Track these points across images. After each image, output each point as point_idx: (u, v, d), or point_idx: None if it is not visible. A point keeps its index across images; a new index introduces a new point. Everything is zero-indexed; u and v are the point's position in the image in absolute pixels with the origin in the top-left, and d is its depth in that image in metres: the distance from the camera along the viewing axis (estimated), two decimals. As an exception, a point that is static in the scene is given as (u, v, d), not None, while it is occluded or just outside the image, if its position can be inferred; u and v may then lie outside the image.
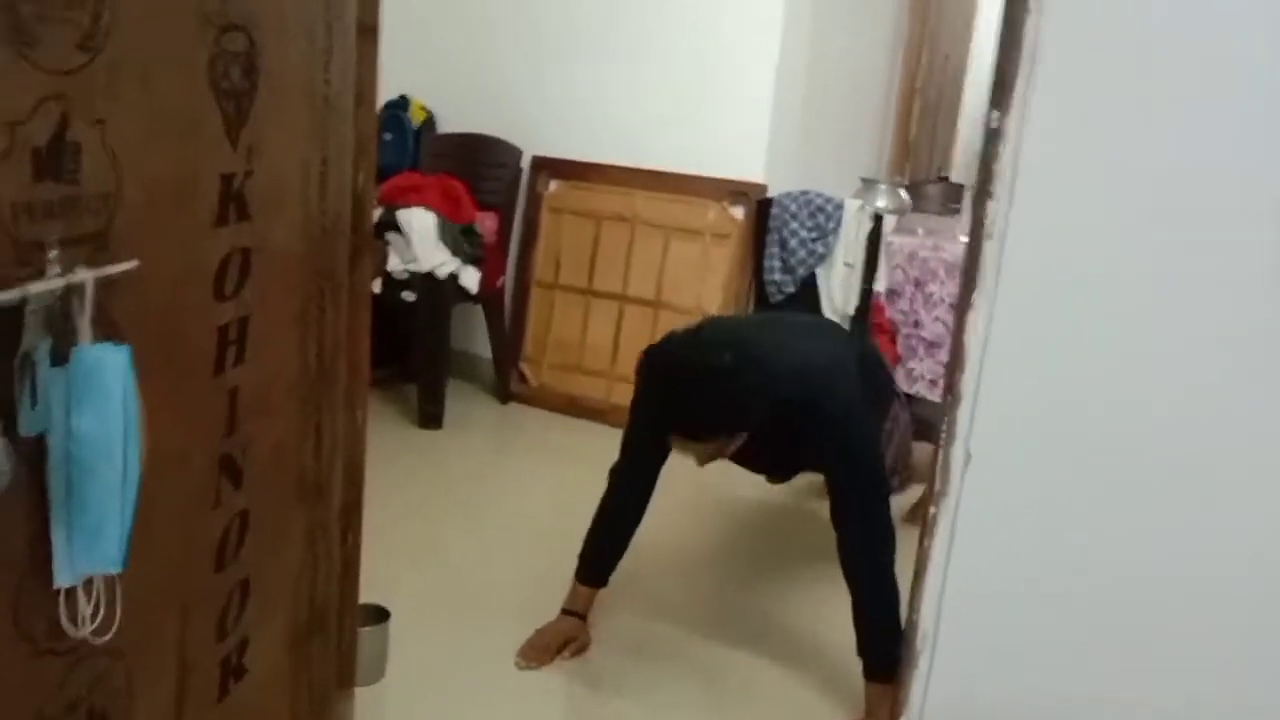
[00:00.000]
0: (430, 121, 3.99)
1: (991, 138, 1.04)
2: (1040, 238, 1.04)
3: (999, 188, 1.04)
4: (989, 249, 1.05)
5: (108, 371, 0.86)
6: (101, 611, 0.94)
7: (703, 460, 2.10)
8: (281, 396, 1.31)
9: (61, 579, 0.89)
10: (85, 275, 0.86)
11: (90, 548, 0.88)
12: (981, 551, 1.11)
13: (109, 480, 0.87)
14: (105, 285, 0.90)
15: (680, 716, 2.07)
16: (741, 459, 2.31)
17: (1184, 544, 1.06)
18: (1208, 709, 1.08)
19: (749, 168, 3.55)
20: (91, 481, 0.86)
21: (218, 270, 1.12)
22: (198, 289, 1.09)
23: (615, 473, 2.28)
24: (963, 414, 1.08)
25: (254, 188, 1.16)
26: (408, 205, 3.41)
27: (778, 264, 3.43)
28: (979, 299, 1.06)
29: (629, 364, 3.67)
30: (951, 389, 1.08)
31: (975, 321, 1.06)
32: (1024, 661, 1.14)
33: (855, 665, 2.01)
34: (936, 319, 3.38)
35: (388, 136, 3.93)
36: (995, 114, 1.04)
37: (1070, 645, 1.12)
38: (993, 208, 1.04)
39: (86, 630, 0.93)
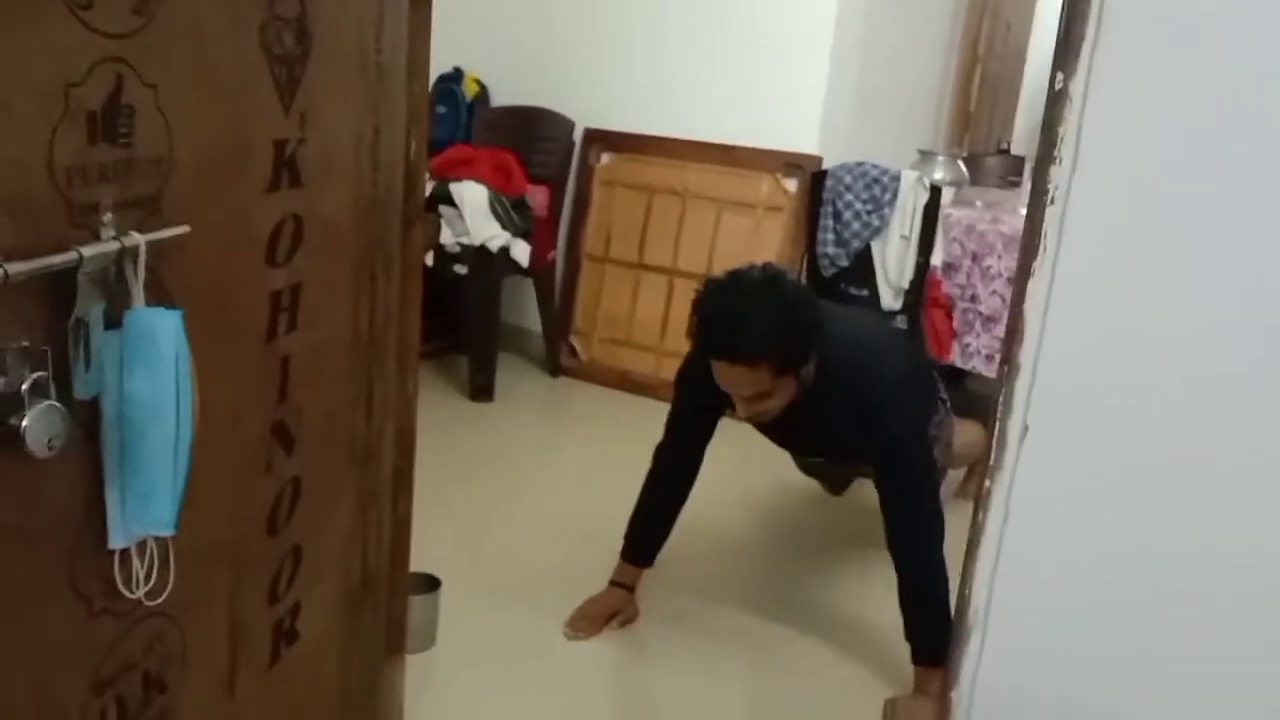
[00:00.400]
0: (483, 94, 3.99)
1: (1055, 100, 1.00)
2: (1104, 204, 1.01)
3: (1063, 152, 1.01)
4: (1051, 214, 1.01)
5: (160, 335, 0.86)
6: (155, 574, 0.96)
7: (748, 402, 1.95)
8: (333, 364, 1.32)
9: (116, 540, 0.90)
10: (138, 239, 0.87)
11: (143, 510, 0.89)
12: (1036, 528, 1.08)
13: (161, 443, 0.88)
14: (158, 249, 0.90)
15: (726, 688, 2.07)
16: (786, 433, 2.24)
17: (1253, 527, 1.02)
18: (1267, 705, 1.04)
19: (803, 139, 3.51)
20: (144, 444, 0.87)
21: (270, 237, 1.12)
22: (250, 255, 1.09)
23: (660, 451, 2.26)
24: (1020, 386, 1.05)
25: (306, 155, 1.16)
26: (459, 178, 3.42)
27: (831, 237, 3.39)
28: (1039, 266, 1.03)
29: (678, 339, 3.66)
30: (1009, 360, 1.05)
31: (1035, 290, 1.03)
32: (1077, 643, 1.11)
33: (902, 645, 1.99)
34: (994, 293, 3.32)
35: (441, 109, 3.94)
36: (1060, 75, 1.01)
37: (1127, 629, 1.09)
38: (1055, 172, 1.01)
39: (140, 592, 0.94)
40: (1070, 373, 1.05)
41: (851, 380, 1.99)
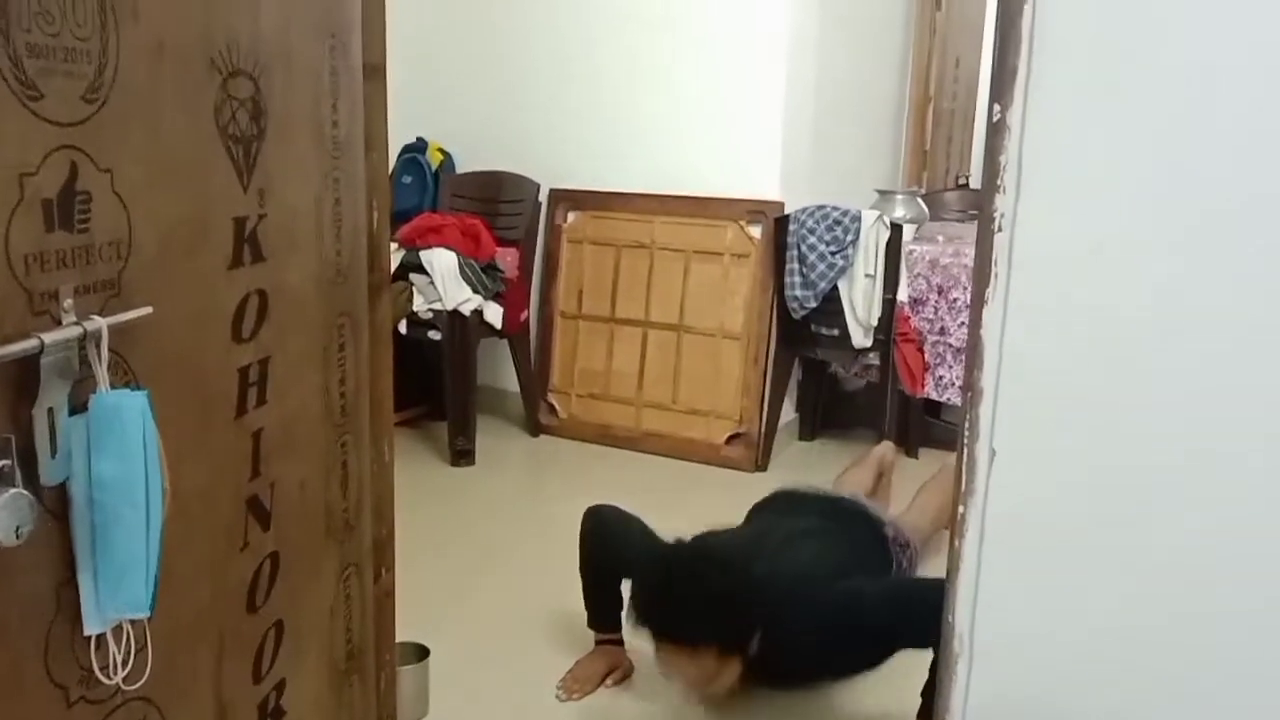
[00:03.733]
0: (448, 162, 4.04)
1: (995, 130, 1.03)
2: (1049, 227, 1.03)
3: (1005, 180, 1.03)
4: (999, 242, 1.04)
5: (126, 416, 0.87)
6: (133, 658, 0.95)
7: (695, 684, 1.91)
8: (306, 436, 1.32)
9: (91, 626, 0.89)
10: (100, 323, 0.87)
11: (117, 593, 0.88)
12: (1013, 548, 1.09)
13: (133, 524, 0.88)
14: (121, 331, 0.91)
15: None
16: (772, 683, 2.15)
17: (1228, 528, 1.03)
18: (1257, 711, 1.05)
19: (764, 186, 3.56)
20: (116, 526, 0.87)
21: (235, 312, 1.13)
22: (215, 332, 1.10)
23: (591, 533, 2.22)
24: (984, 411, 1.06)
25: (267, 230, 1.17)
26: (429, 246, 3.45)
27: (798, 279, 3.42)
28: (992, 293, 1.05)
29: (656, 389, 3.70)
30: (971, 386, 1.07)
31: (990, 316, 1.05)
32: (1064, 659, 1.12)
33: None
34: (962, 325, 3.36)
35: (407, 179, 3.98)
36: (997, 107, 1.04)
37: (1112, 642, 1.10)
38: (1000, 201, 1.03)
39: (119, 677, 0.93)
40: (1031, 394, 1.07)
41: (803, 624, 1.93)
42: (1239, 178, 0.97)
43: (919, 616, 1.73)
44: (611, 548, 2.18)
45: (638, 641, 2.26)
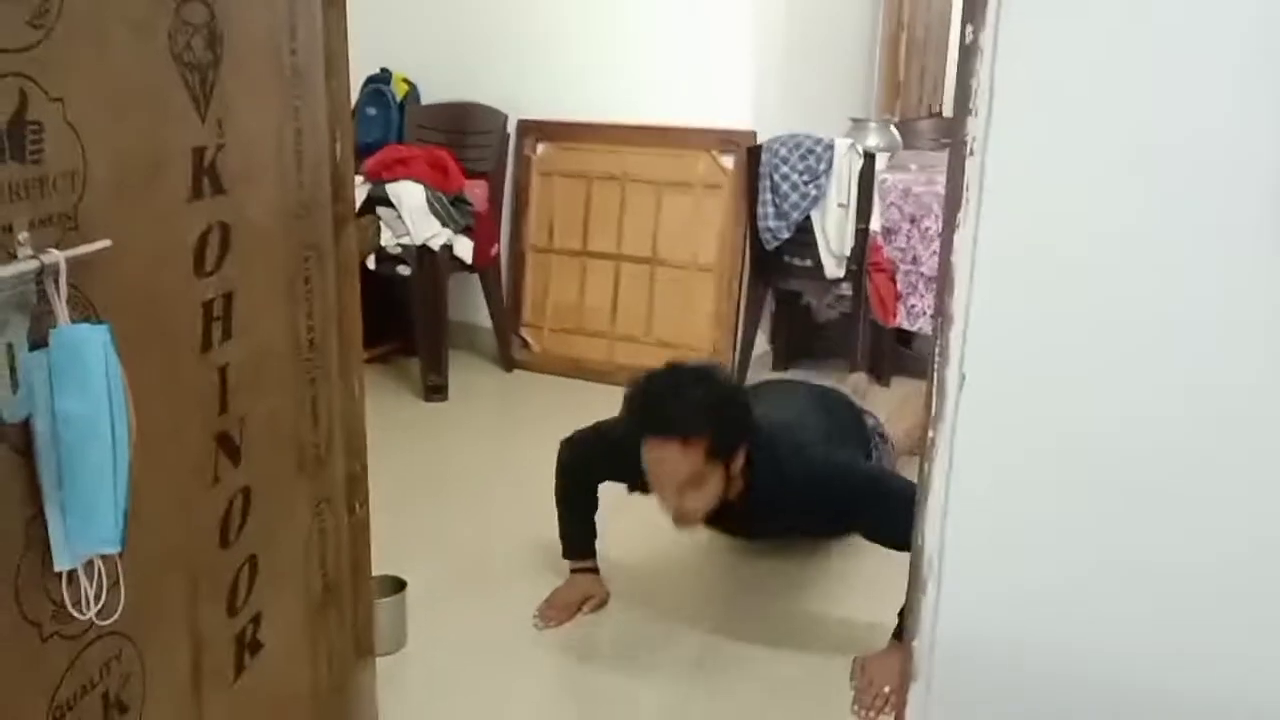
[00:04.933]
0: (413, 93, 3.96)
1: (967, 53, 1.02)
2: (1021, 152, 1.02)
3: (978, 104, 1.02)
4: (970, 166, 1.03)
5: (88, 351, 0.85)
6: (105, 593, 0.95)
7: (678, 491, 1.92)
8: (274, 371, 1.31)
9: (61, 562, 0.89)
10: (57, 256, 0.85)
11: (86, 529, 0.88)
12: (981, 473, 1.10)
13: (99, 460, 0.87)
14: (80, 265, 0.89)
15: (704, 675, 2.08)
16: (738, 528, 2.25)
17: (1199, 461, 1.04)
18: (1212, 641, 1.07)
19: (737, 116, 3.52)
20: (81, 462, 0.86)
21: (196, 246, 1.11)
22: (177, 265, 1.08)
23: (564, 465, 2.25)
24: (954, 336, 1.07)
25: (227, 161, 1.15)
26: (395, 179, 3.39)
27: (771, 210, 3.41)
28: (964, 218, 1.04)
29: (629, 323, 3.69)
30: (942, 311, 1.07)
31: (961, 241, 1.05)
32: (1031, 584, 1.14)
33: (864, 627, 2.03)
34: (934, 254, 3.36)
35: (371, 111, 3.90)
36: (969, 29, 1.02)
37: (1077, 568, 1.11)
38: (972, 124, 1.02)
39: (91, 612, 0.93)
40: (1001, 320, 1.07)
41: (784, 464, 2.01)
42: (1216, 98, 0.96)
43: (892, 506, 1.81)
44: (591, 446, 2.22)
45: (611, 572, 2.29)
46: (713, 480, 1.93)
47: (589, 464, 2.23)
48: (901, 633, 1.89)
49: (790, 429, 2.16)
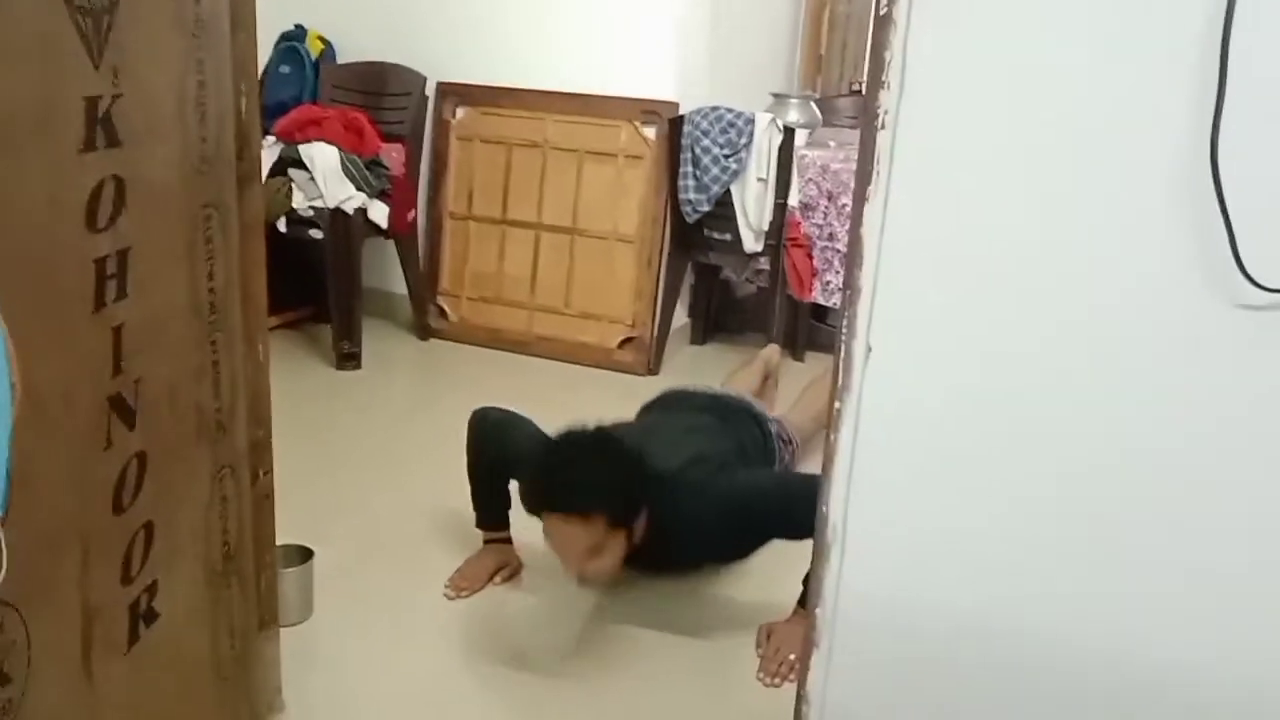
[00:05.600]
0: (329, 52, 3.86)
1: (881, 25, 1.02)
2: (931, 126, 1.04)
3: (890, 77, 1.03)
4: (882, 139, 1.04)
5: (-34, 306, 0.81)
6: (-13, 559, 0.91)
7: (580, 560, 1.89)
8: (172, 333, 1.26)
9: (-63, 526, 0.85)
10: (-67, 205, 0.81)
11: (-35, 492, 0.84)
12: (885, 443, 1.12)
13: (-21, 421, 0.83)
14: (-42, 216, 0.85)
15: (614, 637, 2.09)
16: (651, 569, 2.19)
17: (1095, 430, 1.08)
18: (1109, 598, 1.11)
19: (659, 86, 3.50)
20: (-41, 423, 0.82)
21: (89, 199, 1.06)
22: (67, 220, 1.03)
23: (476, 437, 2.22)
24: (862, 308, 1.08)
25: (123, 112, 1.10)
26: (309, 140, 3.31)
27: (692, 183, 3.41)
28: (874, 191, 1.05)
29: (548, 293, 3.67)
30: (850, 284, 1.08)
31: (871, 214, 1.06)
32: (931, 551, 1.16)
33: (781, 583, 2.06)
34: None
35: (285, 69, 3.80)
36: (883, 2, 1.03)
37: (977, 534, 1.14)
38: (884, 97, 1.03)
39: (-29, 579, 0.89)
40: (908, 293, 1.08)
41: (694, 507, 1.99)
42: (1128, 72, 0.99)
43: (800, 509, 1.81)
44: (500, 444, 2.17)
45: (526, 539, 2.28)
46: (614, 545, 1.90)
47: (498, 454, 2.18)
48: (805, 600, 1.95)
49: (686, 468, 2.11)
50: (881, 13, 1.02)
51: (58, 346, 1.03)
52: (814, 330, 3.79)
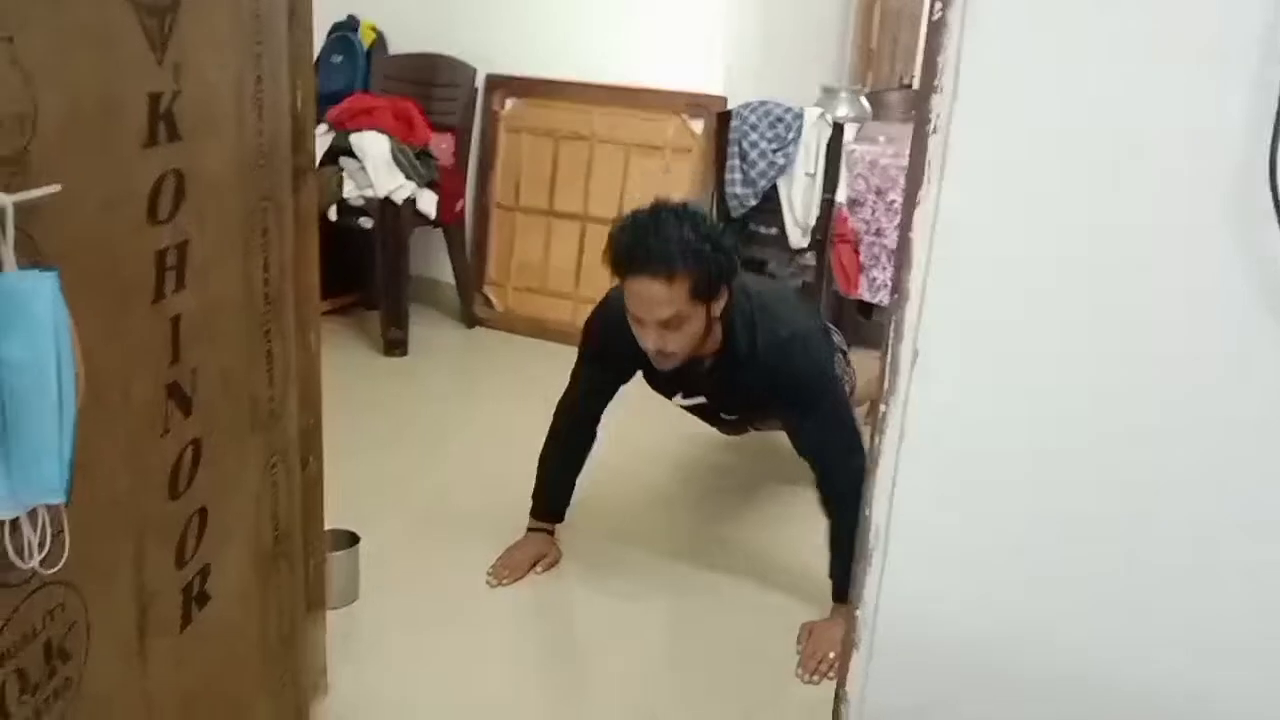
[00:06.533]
0: (380, 42, 3.90)
1: (935, 29, 1.02)
2: (984, 131, 1.03)
3: (943, 81, 1.02)
4: (933, 144, 1.04)
5: (35, 298, 0.84)
6: (50, 542, 0.94)
7: (661, 330, 1.92)
8: (228, 322, 1.29)
9: (3, 510, 0.88)
10: (4, 199, 0.83)
11: (30, 478, 0.86)
12: (930, 448, 1.12)
13: (44, 409, 0.85)
14: (28, 210, 0.87)
15: (652, 628, 2.11)
16: (699, 390, 2.22)
17: (1143, 436, 1.07)
18: (1152, 611, 1.10)
19: (707, 80, 3.50)
20: (26, 410, 0.85)
21: (150, 193, 1.09)
22: (130, 213, 1.06)
23: (561, 412, 2.28)
24: (910, 312, 1.08)
25: (184, 107, 1.13)
26: (360, 129, 3.35)
27: (739, 176, 3.40)
28: (924, 195, 1.05)
29: (593, 285, 3.67)
30: (899, 288, 1.08)
31: (921, 218, 1.05)
32: (974, 557, 1.16)
33: (815, 578, 2.06)
34: (899, 227, 3.37)
35: (337, 59, 3.84)
36: (938, 5, 1.02)
37: (1020, 542, 1.14)
38: (937, 101, 1.03)
39: (34, 561, 0.92)
40: (957, 297, 1.08)
41: (759, 328, 2.03)
42: (1181, 85, 0.98)
43: (831, 424, 2.00)
44: (585, 358, 2.27)
45: (563, 534, 2.30)
46: (693, 320, 1.93)
47: (586, 369, 2.25)
48: (841, 597, 1.94)
49: (775, 301, 2.16)
50: (935, 17, 1.02)
51: (118, 336, 1.06)
52: (859, 326, 3.76)
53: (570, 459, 2.27)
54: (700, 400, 2.28)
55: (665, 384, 2.19)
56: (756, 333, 2.03)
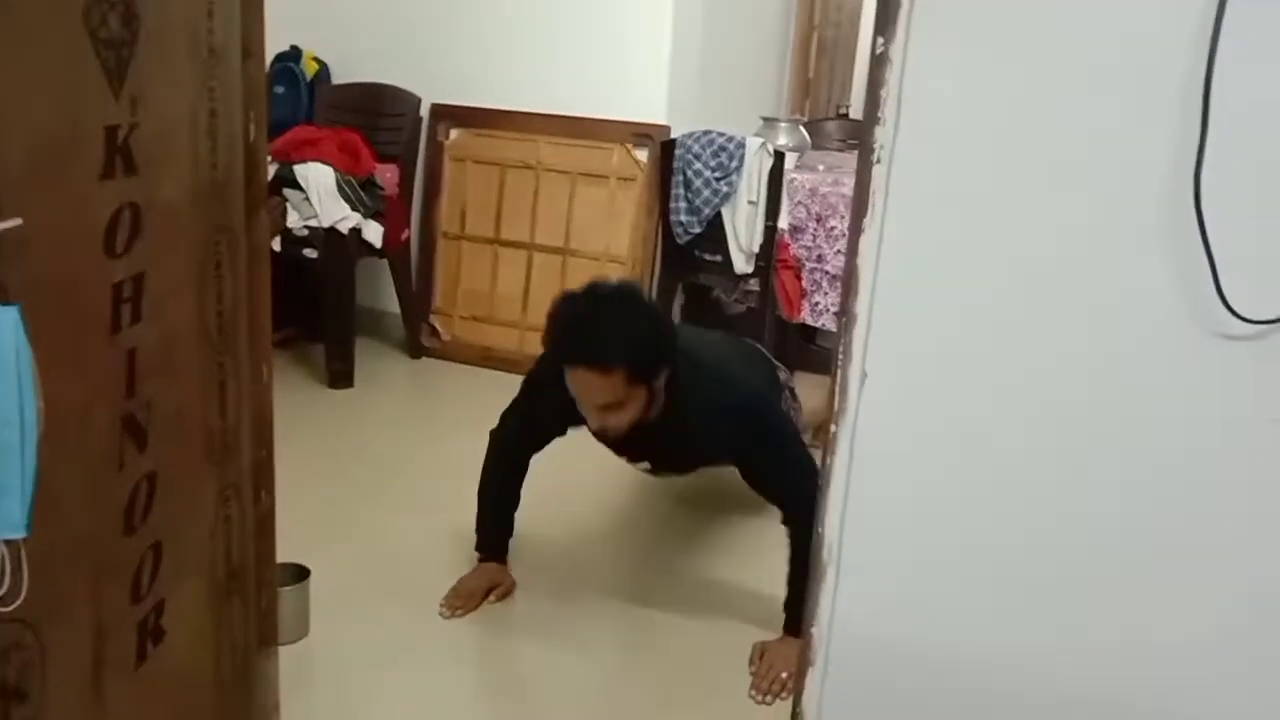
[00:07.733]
0: (324, 73, 3.89)
1: (877, 63, 1.06)
2: (925, 160, 1.08)
3: (886, 112, 1.07)
4: (877, 173, 1.08)
5: (-3, 332, 0.84)
6: (8, 579, 0.93)
7: (600, 412, 1.95)
8: (182, 355, 1.29)
9: (-36, 546, 0.87)
10: (-35, 234, 0.84)
11: (-8, 513, 0.86)
12: (880, 467, 1.16)
13: (7, 443, 0.85)
14: (-13, 244, 0.87)
15: (607, 656, 2.11)
16: (646, 453, 2.25)
17: (1087, 456, 1.11)
18: (1105, 627, 1.14)
19: (651, 110, 3.55)
20: (-12, 445, 0.84)
21: (108, 226, 1.09)
22: (87, 246, 1.06)
23: (493, 444, 2.28)
24: (858, 335, 1.12)
25: (140, 140, 1.13)
26: (304, 160, 3.34)
27: (683, 205, 3.45)
28: (869, 222, 1.09)
29: (540, 313, 3.66)
30: (846, 311, 1.12)
31: (866, 244, 1.10)
32: (926, 575, 1.19)
33: (764, 602, 2.08)
34: (839, 253, 3.44)
35: (280, 90, 3.82)
36: (880, 40, 1.07)
37: (970, 560, 1.18)
38: (880, 132, 1.07)
39: (-6, 597, 0.91)
40: (903, 321, 1.12)
41: (704, 392, 2.04)
42: (1113, 112, 1.03)
43: (788, 461, 1.99)
44: (519, 407, 2.27)
45: (517, 566, 2.30)
46: (634, 401, 1.94)
47: (522, 422, 2.24)
48: (793, 624, 1.96)
49: (713, 359, 2.19)
50: (878, 51, 1.06)
51: (76, 370, 1.06)
52: (803, 350, 3.83)
53: (505, 494, 2.28)
54: (645, 465, 2.32)
55: (610, 444, 2.22)
56: (701, 397, 2.03)
